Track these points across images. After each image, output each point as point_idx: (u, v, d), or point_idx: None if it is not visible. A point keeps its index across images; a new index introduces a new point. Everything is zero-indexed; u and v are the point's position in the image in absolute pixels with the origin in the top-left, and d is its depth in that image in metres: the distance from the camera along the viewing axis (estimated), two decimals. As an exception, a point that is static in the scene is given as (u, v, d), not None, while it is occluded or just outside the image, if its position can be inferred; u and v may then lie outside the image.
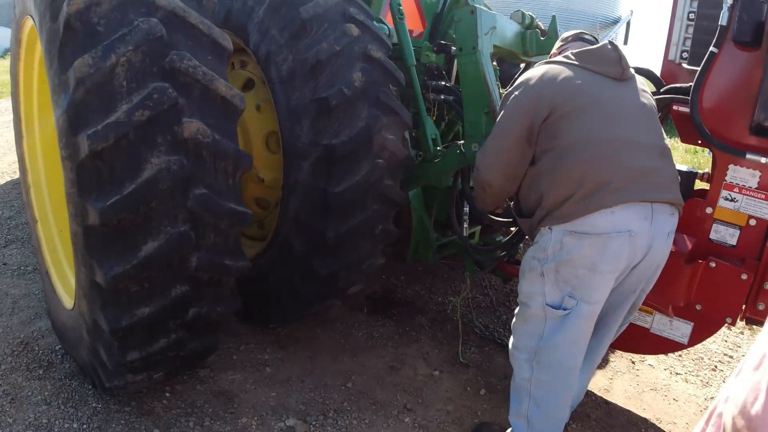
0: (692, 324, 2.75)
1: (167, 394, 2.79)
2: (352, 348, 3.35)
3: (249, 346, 3.26)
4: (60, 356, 2.99)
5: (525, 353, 2.42)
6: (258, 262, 3.03)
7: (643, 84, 2.49)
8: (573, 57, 2.36)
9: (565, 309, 2.28)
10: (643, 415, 3.06)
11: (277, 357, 3.20)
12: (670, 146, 2.39)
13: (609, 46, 2.36)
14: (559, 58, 2.41)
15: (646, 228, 2.21)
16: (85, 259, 2.12)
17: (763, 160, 2.43)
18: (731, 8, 2.45)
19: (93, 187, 2.00)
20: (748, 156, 2.47)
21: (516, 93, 2.36)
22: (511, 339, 2.52)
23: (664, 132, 2.40)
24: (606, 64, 2.32)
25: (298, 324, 3.46)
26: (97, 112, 1.96)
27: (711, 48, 2.52)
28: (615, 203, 2.15)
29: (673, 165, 2.35)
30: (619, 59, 2.32)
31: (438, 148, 3.25)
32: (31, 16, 2.47)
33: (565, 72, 2.31)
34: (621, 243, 2.17)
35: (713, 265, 2.58)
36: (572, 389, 2.43)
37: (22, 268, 3.84)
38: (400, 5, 3.32)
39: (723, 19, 2.48)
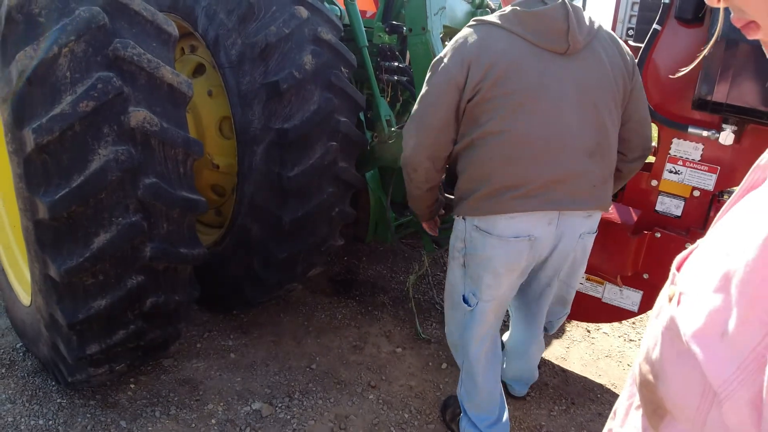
0: (642, 292, 2.87)
1: (132, 386, 2.79)
2: (315, 330, 3.39)
3: (212, 334, 3.27)
4: (21, 354, 2.94)
5: (455, 339, 2.53)
6: (217, 248, 3.02)
7: (609, 45, 2.12)
8: (512, 18, 2.01)
9: (469, 305, 2.31)
10: (598, 381, 3.19)
11: (240, 343, 3.21)
12: (610, 134, 2.13)
13: (559, 12, 1.98)
14: (496, 18, 2.06)
15: (549, 232, 2.13)
16: (38, 254, 2.10)
17: (705, 133, 2.53)
18: (673, -13, 2.52)
19: (41, 181, 1.97)
20: (691, 130, 2.56)
21: (445, 62, 2.06)
22: (446, 325, 2.60)
23: (612, 113, 2.12)
24: (549, 37, 1.99)
25: (261, 309, 3.48)
26: (41, 104, 1.93)
27: (654, 25, 2.60)
28: (517, 210, 2.06)
29: (606, 162, 2.15)
30: (566, 31, 1.97)
31: (393, 128, 3.27)
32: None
33: (501, 43, 1.99)
34: (520, 248, 2.12)
35: (658, 235, 2.69)
36: (493, 373, 2.48)
37: (-26, 265, 3.73)
38: (350, -14, 3.30)
39: None
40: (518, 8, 2.02)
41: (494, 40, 2.01)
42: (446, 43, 3.62)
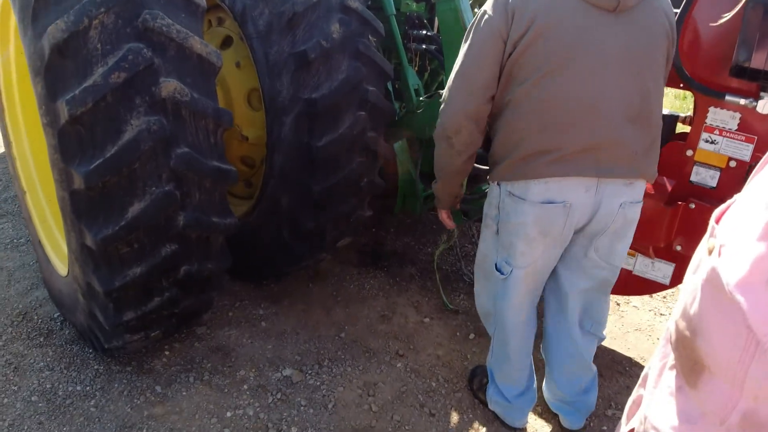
0: (674, 265, 2.82)
1: (166, 353, 2.87)
2: (344, 300, 3.43)
3: (243, 303, 3.33)
4: (59, 323, 3.05)
5: (489, 310, 2.48)
6: (247, 219, 3.06)
7: (659, 8, 2.00)
8: None
9: (503, 274, 2.25)
10: (627, 354, 3.17)
11: (271, 312, 3.27)
12: (654, 101, 2.05)
13: None
14: None
15: (586, 199, 2.04)
16: (74, 223, 2.15)
17: (742, 101, 2.44)
18: (710, -57, 2.42)
19: (76, 152, 2.02)
20: (728, 98, 2.48)
21: (489, 13, 1.95)
22: (476, 295, 2.54)
23: (657, 80, 2.05)
24: None
25: (291, 279, 3.53)
26: (73, 76, 1.96)
27: (690, -10, 2.51)
28: (551, 175, 1.98)
29: (652, 130, 2.07)
30: None
31: (421, 98, 3.25)
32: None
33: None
34: (554, 214, 2.05)
35: (693, 206, 2.63)
36: (523, 347, 2.44)
37: (15, 241, 3.86)
38: (378, -47, 3.25)
39: None
40: None
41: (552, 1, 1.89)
42: (476, 10, 3.56)
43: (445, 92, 2.14)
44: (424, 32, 3.25)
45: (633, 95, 1.97)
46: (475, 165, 3.23)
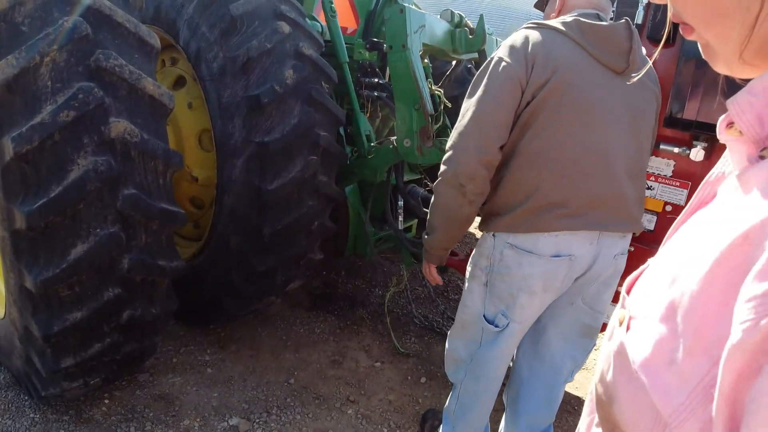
0: (617, 306, 2.91)
1: (106, 401, 2.73)
2: (293, 344, 3.37)
3: (189, 348, 3.23)
4: (-9, 368, 2.88)
5: (462, 357, 2.35)
6: (195, 261, 3.00)
7: (650, 70, 2.11)
8: (575, 27, 1.91)
9: (497, 326, 2.18)
10: (575, 393, 3.23)
11: (218, 357, 3.18)
12: (645, 157, 2.13)
13: (624, 31, 1.92)
14: (558, 23, 1.94)
15: (588, 252, 2.05)
16: (14, 264, 2.07)
17: (676, 150, 2.60)
18: (647, 7, 2.60)
19: (19, 190, 1.95)
20: (662, 147, 2.64)
21: (506, 60, 1.89)
22: (449, 341, 2.43)
23: (649, 137, 2.12)
24: (611, 54, 1.92)
25: (239, 323, 3.45)
26: (22, 113, 1.91)
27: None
28: (561, 228, 1.96)
29: (642, 185, 2.13)
30: (628, 51, 1.92)
31: (372, 144, 3.31)
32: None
33: (564, 49, 1.89)
34: (560, 267, 2.02)
35: (632, 249, 2.75)
36: (494, 398, 2.36)
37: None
38: (332, 3, 3.35)
39: (638, 18, 2.63)
40: (582, 19, 1.93)
41: (558, 44, 1.90)
42: (425, 60, 3.69)
43: (453, 139, 2.02)
44: (376, 80, 3.34)
45: (633, 150, 2.03)
46: (426, 210, 3.30)
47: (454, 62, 3.98)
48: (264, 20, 2.70)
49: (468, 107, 1.97)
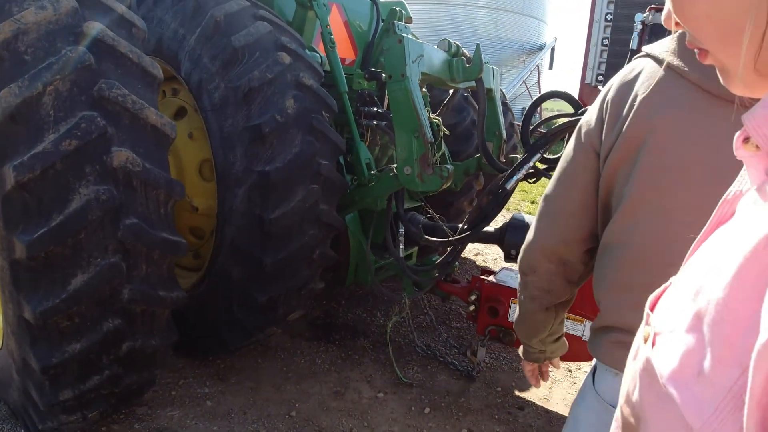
0: (621, 331, 2.88)
1: (102, 436, 2.67)
2: (295, 376, 3.32)
3: (188, 381, 3.17)
4: (-15, 402, 2.82)
5: None
6: (195, 292, 2.97)
7: None
8: (678, 55, 1.19)
9: None
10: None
11: (217, 390, 3.12)
12: None
13: None
14: (669, 54, 1.20)
15: None
16: (12, 294, 2.04)
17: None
18: (641, 33, 2.65)
19: (19, 220, 1.94)
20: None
21: (585, 120, 1.36)
22: None
23: None
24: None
25: (239, 355, 3.40)
26: (23, 142, 1.91)
27: (621, 71, 2.71)
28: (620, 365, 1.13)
29: None
30: None
31: (372, 172, 3.32)
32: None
33: (671, 97, 1.19)
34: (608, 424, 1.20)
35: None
36: None
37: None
38: (331, 34, 3.40)
39: (633, 44, 2.69)
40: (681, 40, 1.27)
41: (663, 91, 1.22)
42: (423, 89, 3.72)
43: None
44: (375, 109, 3.36)
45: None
46: (427, 237, 3.30)
47: (451, 91, 4.02)
48: (265, 51, 2.73)
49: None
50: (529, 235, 1.53)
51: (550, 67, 22.89)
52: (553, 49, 22.37)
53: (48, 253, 1.93)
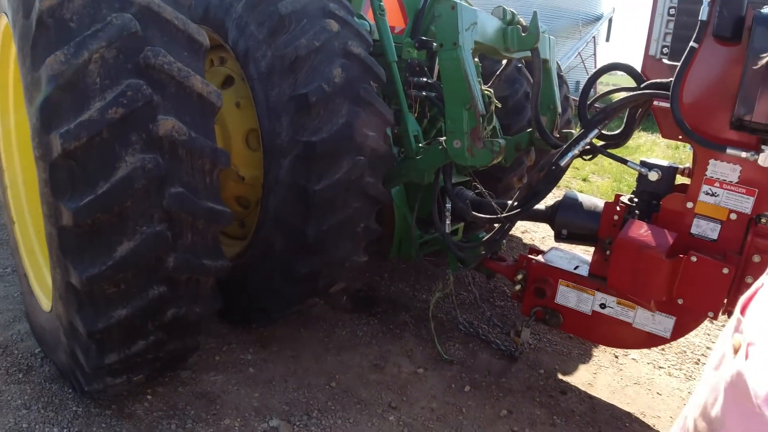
0: (674, 318, 2.76)
1: (148, 397, 2.75)
2: (335, 347, 3.33)
3: (231, 347, 3.22)
4: (39, 360, 2.93)
5: None
6: (239, 261, 2.99)
7: None
8: None
9: None
10: (627, 409, 3.07)
11: (259, 357, 3.16)
12: None
13: None
14: None
15: None
16: (60, 260, 2.08)
17: (743, 154, 2.43)
18: (711, 3, 2.44)
19: (66, 187, 1.96)
20: (729, 151, 2.47)
21: None
22: None
23: None
24: None
25: (281, 323, 3.43)
26: (70, 110, 1.92)
27: (691, 43, 2.52)
28: None
29: None
30: None
31: (420, 144, 3.23)
32: (5, 13, 2.41)
33: None
34: None
35: (694, 259, 2.59)
36: None
37: (1, 270, 3.76)
38: (380, 1, 3.30)
39: (703, 15, 2.48)
40: None
41: None
42: (475, 59, 3.59)
43: None
44: (425, 79, 3.26)
45: None
46: (474, 213, 3.21)
47: (504, 61, 3.86)
48: (312, 18, 2.66)
49: None
50: None
51: (607, 39, 22.02)
52: (610, 20, 21.47)
53: (94, 221, 1.95)
